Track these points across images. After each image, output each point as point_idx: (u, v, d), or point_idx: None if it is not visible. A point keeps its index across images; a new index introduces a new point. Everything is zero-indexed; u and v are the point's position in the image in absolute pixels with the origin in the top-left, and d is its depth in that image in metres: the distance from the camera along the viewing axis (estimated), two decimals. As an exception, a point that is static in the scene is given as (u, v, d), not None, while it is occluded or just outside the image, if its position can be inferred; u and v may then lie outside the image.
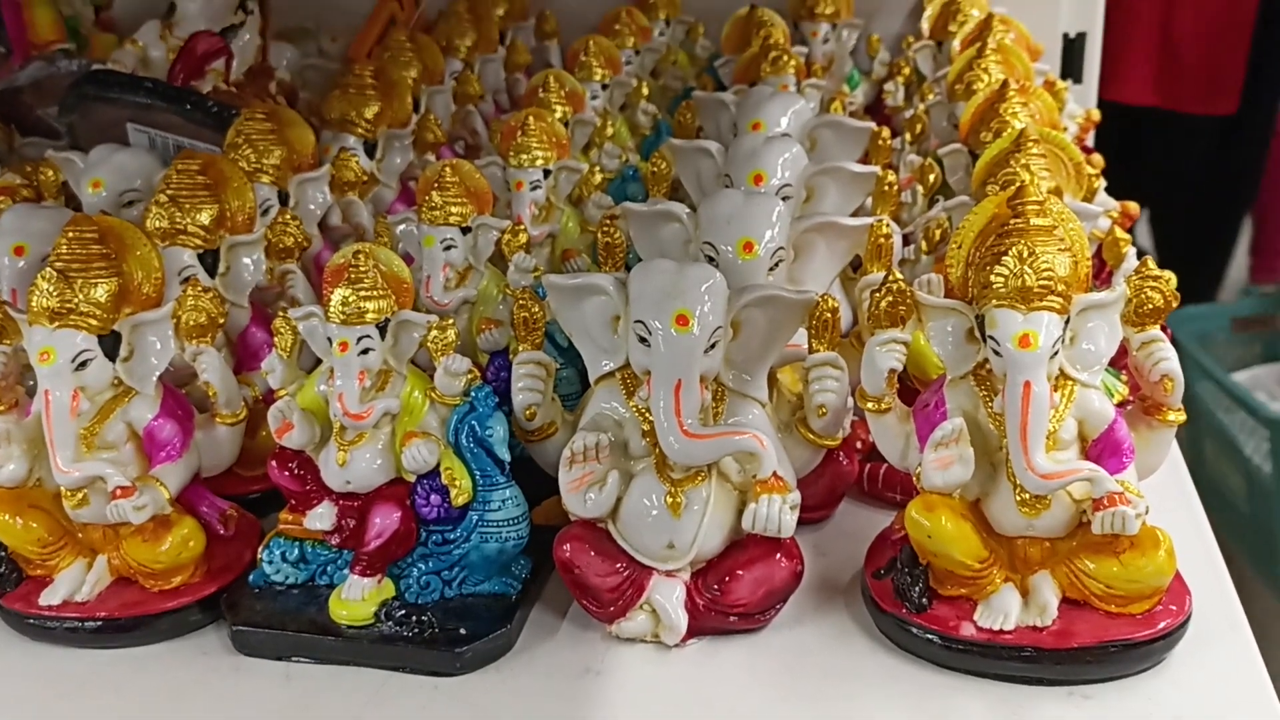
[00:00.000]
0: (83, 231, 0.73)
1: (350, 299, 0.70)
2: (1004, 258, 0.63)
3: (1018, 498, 0.65)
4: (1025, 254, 0.63)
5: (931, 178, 0.94)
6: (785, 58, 1.14)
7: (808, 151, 0.92)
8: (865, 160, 0.95)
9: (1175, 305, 0.66)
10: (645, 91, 1.23)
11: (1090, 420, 0.66)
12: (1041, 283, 0.63)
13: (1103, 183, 0.91)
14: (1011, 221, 0.65)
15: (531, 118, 0.94)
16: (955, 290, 0.68)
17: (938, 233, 0.85)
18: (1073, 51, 1.40)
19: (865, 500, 0.83)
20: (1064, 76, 1.37)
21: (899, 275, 0.68)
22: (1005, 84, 0.91)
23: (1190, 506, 0.80)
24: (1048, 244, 0.64)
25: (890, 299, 0.68)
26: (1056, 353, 0.64)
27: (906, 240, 0.93)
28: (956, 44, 1.17)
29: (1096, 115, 1.15)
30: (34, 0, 1.20)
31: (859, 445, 0.82)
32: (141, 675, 0.71)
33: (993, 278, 0.63)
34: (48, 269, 0.71)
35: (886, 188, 0.88)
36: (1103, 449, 0.66)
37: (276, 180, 0.94)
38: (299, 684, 0.69)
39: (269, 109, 0.97)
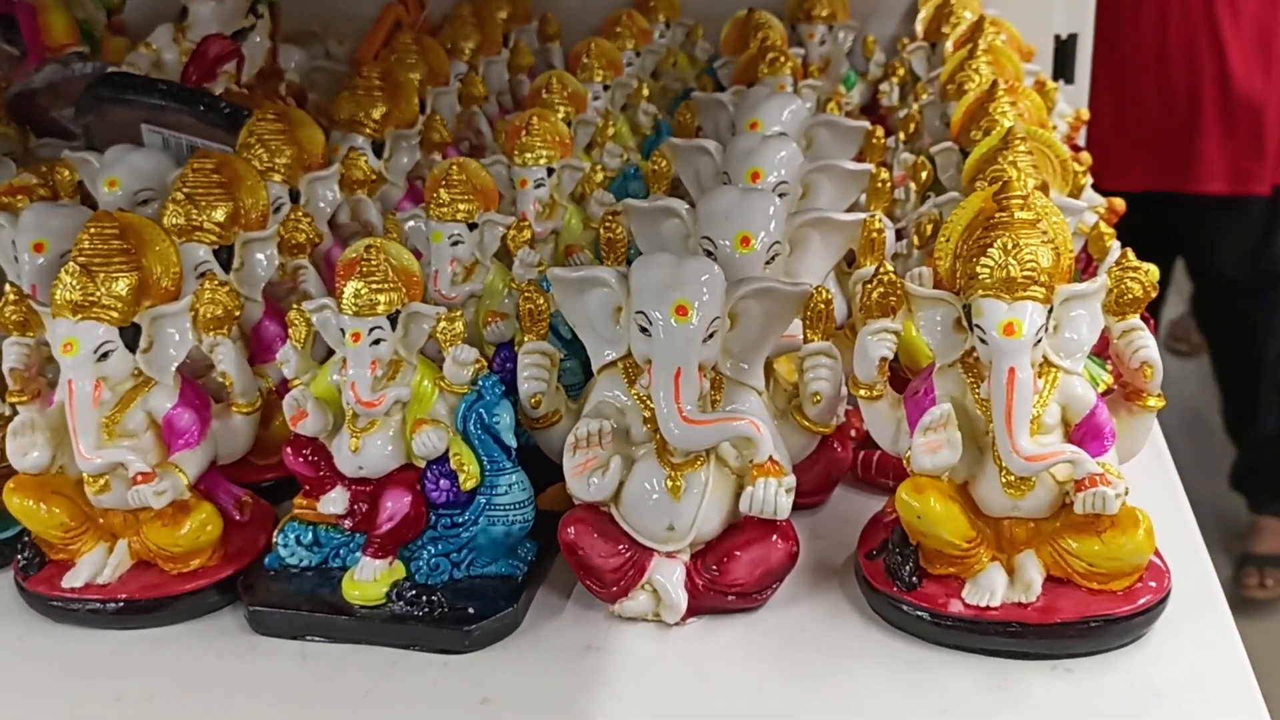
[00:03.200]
0: (104, 228, 0.75)
1: (362, 291, 0.72)
2: (989, 250, 0.66)
3: (1003, 479, 0.67)
4: (1010, 246, 0.65)
5: (924, 175, 0.96)
6: (782, 59, 1.16)
7: (804, 150, 0.94)
8: (860, 158, 0.97)
9: (1154, 295, 0.69)
10: (646, 92, 1.25)
11: (1073, 405, 0.68)
12: (1025, 273, 0.65)
13: (1089, 179, 0.93)
14: (997, 215, 0.67)
15: (535, 118, 0.96)
16: (944, 281, 0.70)
17: (929, 227, 0.87)
18: (1064, 53, 1.42)
19: (859, 486, 0.85)
20: (1055, 77, 1.39)
21: (890, 267, 0.71)
22: (995, 84, 0.93)
23: (1172, 488, 0.82)
24: (1031, 236, 0.66)
25: (881, 290, 0.70)
26: (1040, 340, 0.66)
27: (900, 235, 0.95)
28: (949, 45, 1.19)
29: (1085, 114, 1.17)
30: (48, 4, 1.22)
31: (853, 433, 0.84)
32: (161, 655, 0.73)
33: (979, 269, 0.66)
34: (71, 264, 0.73)
35: (880, 184, 0.90)
36: (1085, 433, 0.68)
37: (288, 179, 0.96)
38: (313, 662, 0.71)
39: (280, 110, 0.99)
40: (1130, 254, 0.69)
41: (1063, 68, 1.42)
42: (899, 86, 1.29)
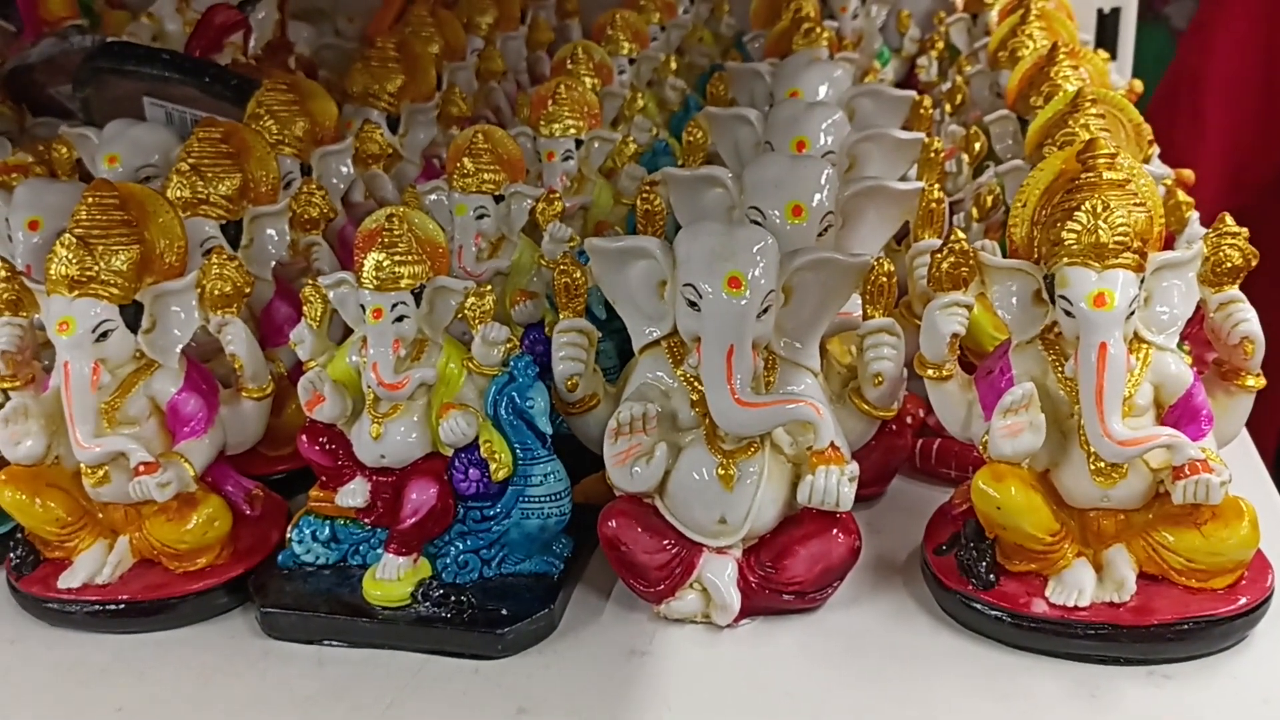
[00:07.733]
0: (103, 197, 0.70)
1: (385, 263, 0.67)
2: (1076, 213, 0.60)
3: (1092, 467, 0.62)
4: (1099, 208, 0.60)
5: (978, 146, 0.92)
6: (818, 29, 1.11)
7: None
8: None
9: (1254, 263, 0.63)
10: (673, 66, 1.20)
11: (1167, 385, 0.63)
12: (1117, 238, 0.60)
13: (1156, 149, 0.88)
14: (1082, 175, 0.62)
15: (563, 86, 0.91)
16: (1020, 250, 0.65)
17: (989, 199, 0.83)
18: (1106, 26, 1.38)
19: (918, 477, 0.81)
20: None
21: (962, 234, 0.65)
22: (1055, 47, 0.89)
23: (1259, 478, 0.77)
24: (1122, 198, 0.60)
25: (952, 260, 0.65)
26: (1133, 313, 0.61)
27: (954, 210, 0.90)
28: (994, 15, 1.15)
29: (1139, 86, 1.12)
30: (45, -23, 1.17)
31: (910, 420, 0.79)
32: (166, 661, 0.69)
33: (1064, 234, 0.60)
34: (67, 235, 0.69)
35: (932, 155, 0.84)
36: (1180, 415, 0.63)
37: (299, 153, 0.92)
38: (332, 669, 0.67)
39: (290, 80, 0.95)
40: (1228, 219, 0.63)
41: (1105, 42, 1.37)
42: (937, 61, 1.24)
